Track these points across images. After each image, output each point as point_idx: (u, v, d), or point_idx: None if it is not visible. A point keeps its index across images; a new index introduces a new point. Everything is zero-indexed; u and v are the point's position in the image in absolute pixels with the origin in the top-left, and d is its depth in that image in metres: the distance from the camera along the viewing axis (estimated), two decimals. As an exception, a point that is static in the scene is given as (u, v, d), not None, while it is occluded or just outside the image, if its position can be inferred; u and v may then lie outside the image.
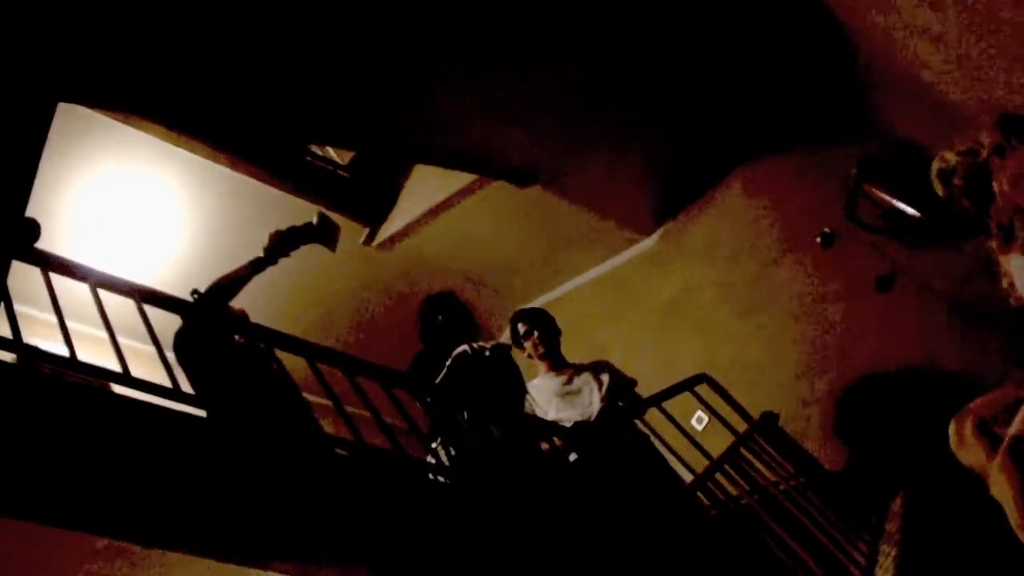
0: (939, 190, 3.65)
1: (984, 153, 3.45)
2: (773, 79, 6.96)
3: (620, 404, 5.54)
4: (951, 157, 3.56)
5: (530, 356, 5.92)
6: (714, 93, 7.15)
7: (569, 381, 5.74)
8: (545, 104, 6.56)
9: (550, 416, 5.54)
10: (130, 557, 2.88)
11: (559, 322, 6.04)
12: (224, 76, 5.33)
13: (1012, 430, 3.11)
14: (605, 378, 5.70)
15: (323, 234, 4.79)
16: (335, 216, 5.45)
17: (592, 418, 5.45)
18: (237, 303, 4.55)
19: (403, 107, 6.11)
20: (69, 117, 5.71)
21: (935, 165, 3.64)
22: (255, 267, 4.49)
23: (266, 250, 4.54)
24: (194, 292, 4.33)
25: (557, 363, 5.88)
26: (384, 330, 8.13)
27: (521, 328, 5.90)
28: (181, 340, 4.18)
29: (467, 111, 6.31)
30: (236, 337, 4.44)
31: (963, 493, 3.71)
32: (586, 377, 5.73)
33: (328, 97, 5.78)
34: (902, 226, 6.28)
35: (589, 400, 5.59)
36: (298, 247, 4.67)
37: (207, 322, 4.26)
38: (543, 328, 5.90)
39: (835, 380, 6.46)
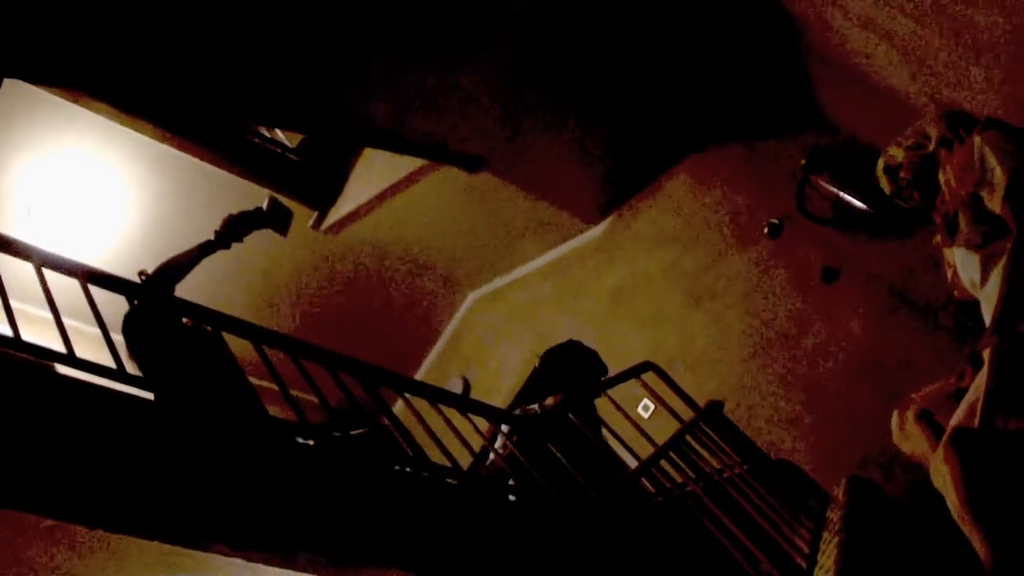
0: (885, 187, 3.69)
1: (931, 146, 3.49)
2: (720, 70, 7.00)
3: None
4: (897, 153, 3.60)
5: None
6: (661, 83, 7.18)
7: None
8: (491, 92, 6.56)
9: None
10: (73, 539, 2.85)
11: (507, 308, 5.99)
12: (171, 56, 5.27)
13: (954, 421, 3.15)
14: None
15: (274, 220, 4.73)
16: (283, 199, 5.39)
17: None
18: (182, 286, 4.48)
19: (346, 90, 6.09)
20: (14, 94, 5.63)
21: (881, 162, 3.68)
22: (204, 250, 4.42)
23: (217, 234, 4.48)
24: (141, 273, 4.27)
25: None
26: (330, 314, 8.10)
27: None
28: (130, 323, 4.11)
29: (412, 97, 6.30)
30: (184, 320, 4.38)
31: (905, 482, 3.77)
32: None
33: (273, 79, 5.74)
34: (849, 218, 6.35)
35: None
36: (250, 232, 4.61)
37: (155, 304, 4.20)
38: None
39: (780, 368, 6.51)
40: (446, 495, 3.98)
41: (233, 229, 4.53)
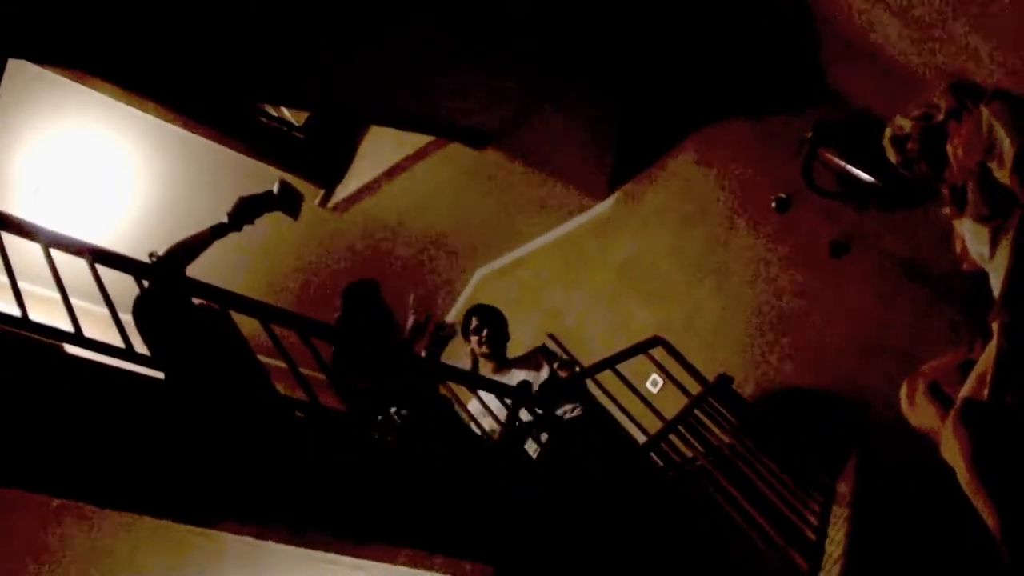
0: (892, 156, 3.69)
1: (939, 117, 3.48)
2: (727, 44, 6.96)
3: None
4: (905, 123, 3.59)
5: (473, 350, 5.99)
6: (667, 58, 7.15)
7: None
8: (497, 68, 6.53)
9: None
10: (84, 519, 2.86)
11: (515, 285, 6.03)
12: (175, 34, 5.26)
13: (963, 393, 3.15)
14: (543, 373, 5.69)
15: (285, 202, 4.72)
16: (290, 177, 5.38)
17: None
18: (190, 266, 4.48)
19: (352, 67, 6.07)
20: (20, 74, 5.62)
21: (888, 131, 3.67)
22: (216, 233, 4.41)
23: (230, 216, 4.48)
24: (152, 255, 4.26)
25: (500, 363, 5.96)
26: (338, 292, 8.10)
27: (473, 322, 5.94)
28: (141, 307, 4.10)
29: (417, 73, 6.27)
30: (194, 301, 4.38)
31: (914, 455, 3.77)
32: (522, 374, 5.71)
33: (278, 56, 5.72)
34: (857, 191, 6.32)
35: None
36: (262, 214, 4.61)
37: (166, 284, 4.20)
38: (492, 329, 5.97)
39: (789, 343, 6.50)
40: (454, 470, 3.99)
41: (245, 211, 4.52)
